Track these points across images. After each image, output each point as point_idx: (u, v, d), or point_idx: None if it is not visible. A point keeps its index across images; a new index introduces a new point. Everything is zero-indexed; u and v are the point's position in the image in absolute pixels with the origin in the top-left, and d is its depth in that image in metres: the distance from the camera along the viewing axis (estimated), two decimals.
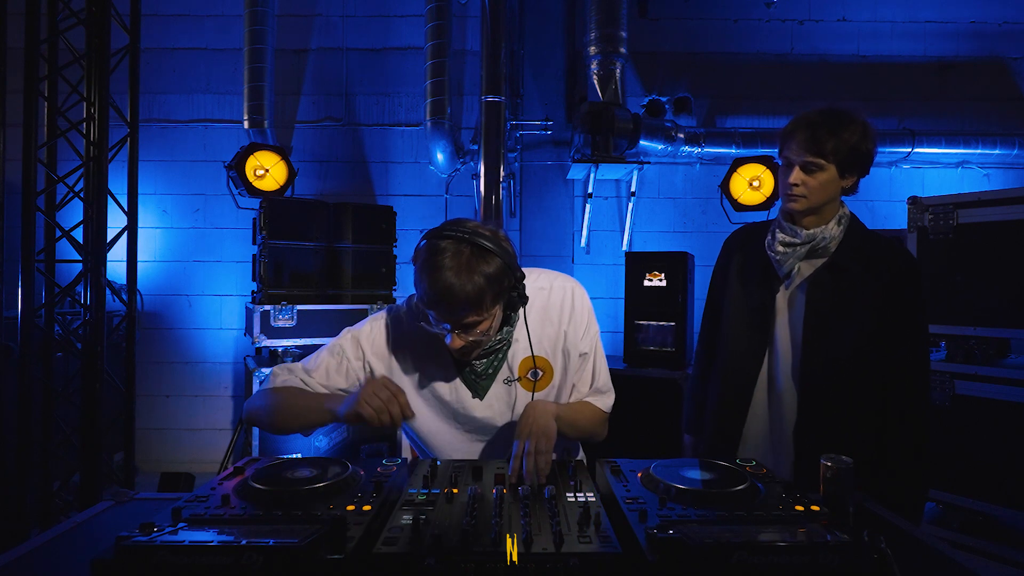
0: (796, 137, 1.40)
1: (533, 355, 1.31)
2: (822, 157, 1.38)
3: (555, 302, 1.35)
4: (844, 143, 1.37)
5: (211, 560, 0.79)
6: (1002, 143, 4.03)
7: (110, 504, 1.23)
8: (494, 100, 3.71)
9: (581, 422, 1.35)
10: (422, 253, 1.15)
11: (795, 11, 4.28)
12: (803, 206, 1.43)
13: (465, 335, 1.17)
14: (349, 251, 3.54)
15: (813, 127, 1.38)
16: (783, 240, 1.47)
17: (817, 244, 1.44)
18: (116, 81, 3.14)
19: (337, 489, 1.04)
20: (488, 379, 1.32)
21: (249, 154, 3.58)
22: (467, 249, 1.12)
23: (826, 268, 1.46)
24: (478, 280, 1.11)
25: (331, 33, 4.31)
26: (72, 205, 3.12)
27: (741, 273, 1.59)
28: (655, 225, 4.27)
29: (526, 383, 1.33)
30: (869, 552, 0.81)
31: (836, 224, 1.45)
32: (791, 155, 1.42)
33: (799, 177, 1.40)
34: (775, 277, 1.51)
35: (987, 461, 2.22)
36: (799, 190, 1.41)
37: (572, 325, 1.35)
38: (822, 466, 1.06)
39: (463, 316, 1.14)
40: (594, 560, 0.81)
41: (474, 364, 1.31)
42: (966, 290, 2.31)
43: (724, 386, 1.60)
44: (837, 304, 1.43)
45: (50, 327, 3.03)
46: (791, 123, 1.44)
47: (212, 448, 4.21)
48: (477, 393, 1.33)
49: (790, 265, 1.48)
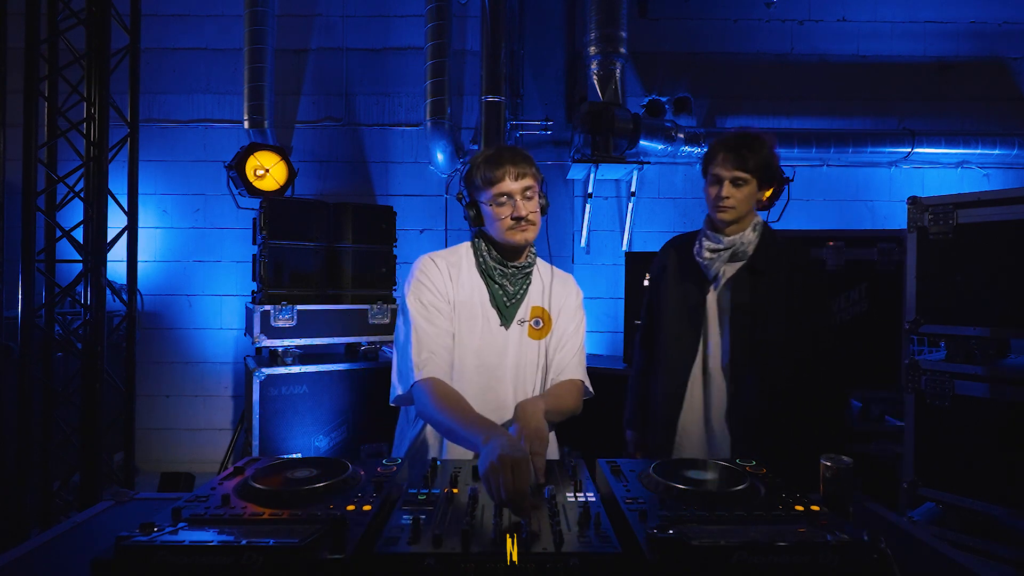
0: (723, 156, 1.65)
1: (543, 306, 1.56)
2: (747, 172, 1.63)
3: (566, 281, 1.64)
4: (763, 159, 1.64)
5: (211, 560, 0.79)
6: (1002, 143, 4.03)
7: (110, 504, 1.24)
8: (494, 100, 3.71)
9: (564, 407, 1.49)
10: (478, 154, 1.50)
11: (795, 11, 4.28)
12: (732, 216, 1.67)
13: (527, 201, 1.44)
14: (349, 251, 3.54)
15: (737, 147, 1.64)
16: (709, 247, 1.70)
17: (737, 249, 1.68)
18: (116, 81, 3.14)
19: (337, 489, 1.03)
20: (514, 307, 1.54)
21: (249, 154, 3.58)
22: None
23: (745, 269, 1.69)
24: (522, 150, 1.50)
25: (331, 33, 4.31)
26: (72, 205, 3.12)
27: (675, 278, 1.82)
28: (655, 225, 4.27)
29: (531, 330, 1.55)
30: (869, 552, 0.81)
31: (752, 231, 1.69)
32: (721, 172, 1.65)
33: (729, 191, 1.64)
34: (705, 279, 1.74)
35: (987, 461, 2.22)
36: (729, 202, 1.64)
37: (570, 299, 1.61)
38: (822, 466, 1.06)
39: (523, 169, 1.43)
40: (594, 560, 0.81)
41: (506, 287, 1.52)
42: (966, 290, 2.31)
43: (665, 378, 1.80)
44: (756, 300, 1.66)
45: (50, 327, 3.03)
46: (715, 145, 1.69)
47: (212, 448, 4.22)
48: (505, 320, 1.53)
49: (716, 268, 1.71)
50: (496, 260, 1.52)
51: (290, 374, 3.27)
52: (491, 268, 1.52)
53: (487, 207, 1.47)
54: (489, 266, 1.52)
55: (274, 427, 3.22)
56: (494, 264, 1.52)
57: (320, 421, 3.35)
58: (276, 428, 3.23)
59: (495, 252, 1.52)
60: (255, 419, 3.17)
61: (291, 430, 3.26)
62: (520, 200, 1.44)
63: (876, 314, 2.78)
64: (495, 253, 1.52)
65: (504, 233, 1.47)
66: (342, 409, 3.41)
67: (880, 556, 0.81)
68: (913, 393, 2.41)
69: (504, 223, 1.45)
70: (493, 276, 1.52)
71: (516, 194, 1.43)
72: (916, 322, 2.41)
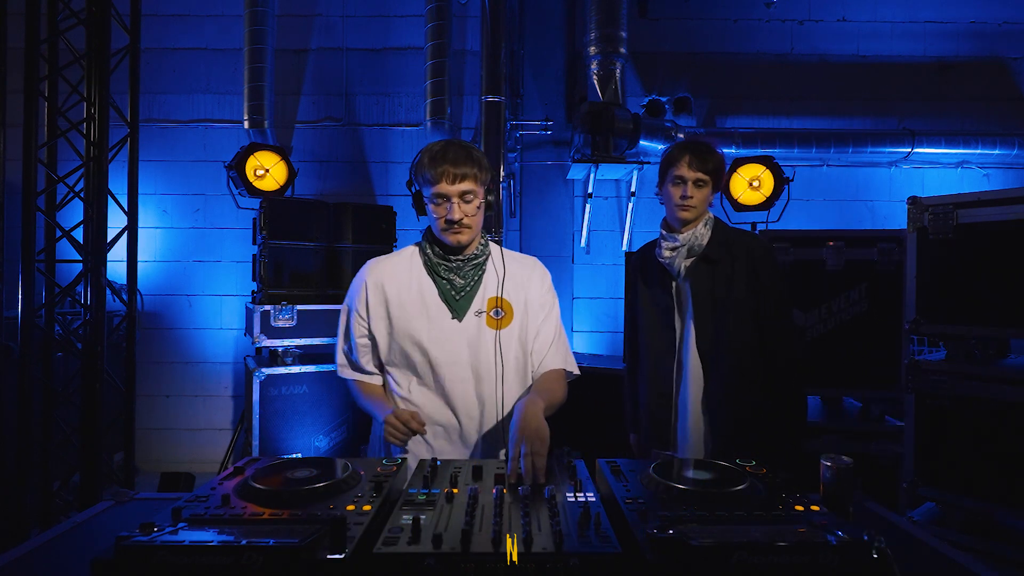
0: (687, 159, 1.77)
1: (500, 296, 1.54)
2: (707, 174, 1.77)
3: (526, 263, 1.64)
4: (718, 163, 1.80)
5: (211, 560, 0.79)
6: (1002, 143, 4.03)
7: (110, 504, 1.24)
8: (494, 100, 3.71)
9: (555, 399, 1.52)
10: (428, 147, 1.47)
11: (795, 11, 4.28)
12: (693, 215, 1.80)
13: (463, 204, 1.43)
14: (349, 251, 3.54)
15: (697, 152, 1.77)
16: (667, 247, 1.83)
17: (693, 244, 1.80)
18: (116, 81, 3.14)
19: (337, 489, 1.04)
20: (465, 300, 1.53)
21: (249, 154, 3.58)
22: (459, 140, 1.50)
23: (701, 260, 1.81)
24: (471, 149, 1.47)
25: (331, 33, 4.30)
26: (72, 205, 3.12)
27: (645, 282, 1.94)
28: (655, 225, 4.19)
29: (490, 320, 1.53)
30: (869, 552, 0.81)
31: (704, 226, 1.82)
32: (684, 174, 1.77)
33: (692, 191, 1.77)
34: (668, 277, 1.86)
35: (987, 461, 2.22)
36: (692, 201, 1.77)
37: (533, 282, 1.61)
38: (822, 466, 1.06)
39: (463, 171, 1.41)
40: (594, 560, 0.81)
41: (454, 281, 1.52)
42: (966, 290, 2.31)
43: (650, 378, 1.89)
44: (714, 287, 1.78)
45: (50, 327, 3.03)
46: (674, 150, 1.81)
47: (212, 448, 4.21)
48: (456, 313, 1.51)
49: (677, 264, 1.82)
50: (439, 256, 1.53)
51: (290, 374, 3.27)
52: (435, 264, 1.53)
53: (428, 203, 1.48)
54: (433, 262, 1.53)
55: (274, 427, 3.22)
56: (438, 260, 1.53)
57: (320, 421, 3.35)
58: (276, 428, 3.23)
59: (437, 248, 1.54)
60: (255, 419, 3.17)
61: (291, 430, 3.27)
62: (456, 203, 1.43)
63: (876, 314, 2.78)
64: (437, 249, 1.54)
65: (440, 232, 1.50)
66: (342, 409, 3.41)
67: (880, 556, 0.81)
68: (913, 393, 2.41)
69: (440, 223, 1.47)
70: (438, 271, 1.53)
71: (453, 196, 1.43)
72: (916, 322, 2.41)
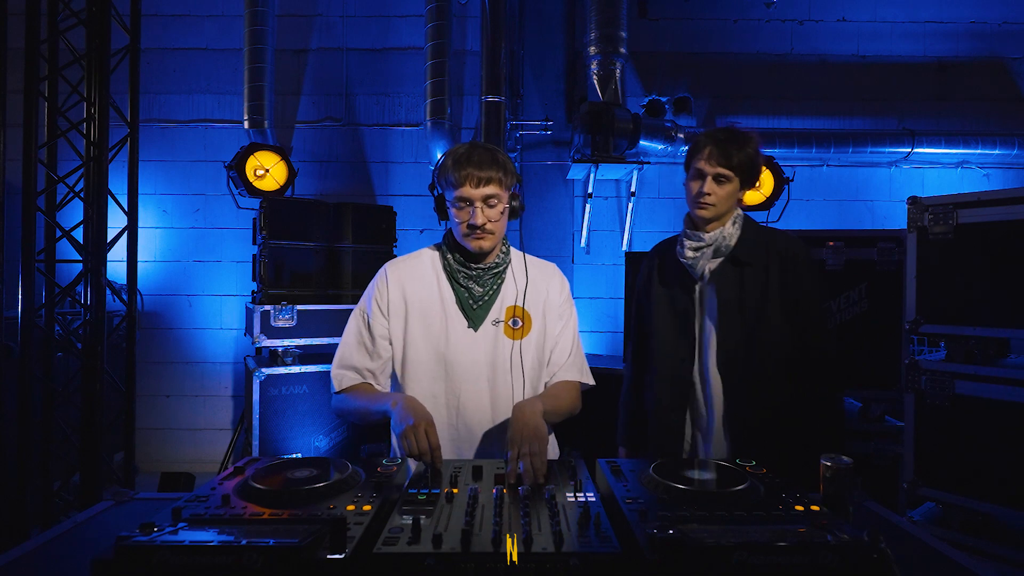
0: (707, 151, 1.59)
1: (521, 306, 1.50)
2: (731, 169, 1.58)
3: (546, 271, 1.58)
4: (748, 157, 1.58)
5: (211, 560, 0.78)
6: (1002, 143, 4.03)
7: (110, 504, 1.24)
8: (494, 100, 3.71)
9: (561, 407, 1.47)
10: (453, 150, 1.43)
11: (795, 11, 4.28)
12: (712, 213, 1.62)
13: (487, 208, 1.39)
14: (349, 251, 3.54)
15: (723, 143, 1.58)
16: (690, 246, 1.66)
17: (719, 244, 1.63)
18: (116, 81, 3.13)
19: (337, 489, 1.04)
20: (482, 309, 1.48)
21: (249, 154, 3.58)
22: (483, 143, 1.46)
23: (728, 262, 1.64)
24: (496, 152, 1.42)
25: (331, 33, 4.30)
26: (72, 205, 3.12)
27: (662, 283, 1.77)
28: (655, 225, 4.27)
29: (508, 329, 1.48)
30: (869, 552, 0.81)
31: (732, 225, 1.64)
32: (704, 167, 1.59)
33: (711, 187, 1.59)
34: (691, 280, 1.69)
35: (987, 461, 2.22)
36: (710, 199, 1.59)
37: (552, 292, 1.55)
38: (822, 466, 1.06)
39: (488, 175, 1.37)
40: (594, 560, 0.81)
41: (472, 289, 1.47)
42: (966, 290, 2.31)
43: (661, 388, 1.72)
44: (743, 292, 1.61)
45: (50, 327, 3.03)
46: (700, 139, 1.63)
47: (212, 448, 4.22)
48: (473, 323, 1.47)
49: (701, 267, 1.65)
50: (459, 263, 1.48)
51: (290, 374, 3.27)
52: (455, 271, 1.48)
53: (450, 207, 1.44)
54: (453, 268, 1.48)
55: (274, 427, 3.22)
56: (457, 267, 1.48)
57: (320, 421, 3.35)
58: (276, 428, 3.23)
59: (458, 254, 1.48)
60: (255, 419, 3.17)
61: (291, 430, 3.26)
62: (480, 207, 1.39)
63: (876, 314, 2.78)
64: (458, 255, 1.48)
65: (462, 237, 1.45)
66: None
67: (880, 556, 0.81)
68: (913, 393, 2.41)
69: (462, 228, 1.42)
70: (457, 278, 1.48)
71: (476, 200, 1.38)
72: (916, 322, 2.41)
